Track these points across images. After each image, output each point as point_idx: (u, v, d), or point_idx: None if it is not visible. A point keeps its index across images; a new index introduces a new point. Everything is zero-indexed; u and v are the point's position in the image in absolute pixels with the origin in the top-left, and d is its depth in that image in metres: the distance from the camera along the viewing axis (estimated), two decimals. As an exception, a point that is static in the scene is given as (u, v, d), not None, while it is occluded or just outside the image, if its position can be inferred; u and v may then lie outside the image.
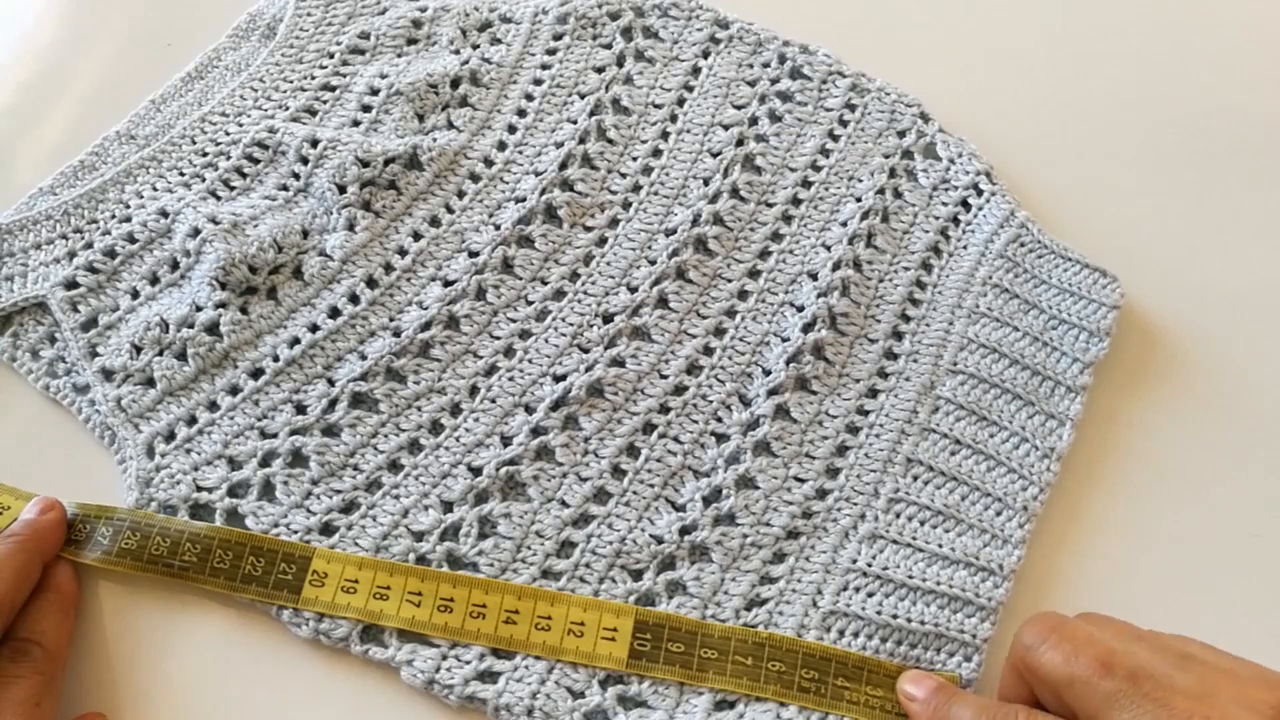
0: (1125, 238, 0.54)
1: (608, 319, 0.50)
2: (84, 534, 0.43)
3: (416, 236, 0.51)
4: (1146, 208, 0.55)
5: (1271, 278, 0.53)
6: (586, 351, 0.49)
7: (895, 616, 0.42)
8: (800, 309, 0.50)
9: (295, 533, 0.43)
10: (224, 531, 0.43)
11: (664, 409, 0.47)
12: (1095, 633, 0.35)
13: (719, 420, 0.47)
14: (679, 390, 0.48)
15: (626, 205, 0.53)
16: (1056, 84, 0.60)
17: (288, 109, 0.54)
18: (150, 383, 0.46)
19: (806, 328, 0.49)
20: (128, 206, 0.50)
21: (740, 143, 0.55)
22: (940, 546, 0.44)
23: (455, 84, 0.55)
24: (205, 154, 0.52)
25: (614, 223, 0.53)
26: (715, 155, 0.55)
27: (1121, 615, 0.44)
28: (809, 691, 0.40)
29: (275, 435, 0.45)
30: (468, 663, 0.40)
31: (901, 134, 0.56)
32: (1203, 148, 0.57)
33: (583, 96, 0.56)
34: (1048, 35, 0.62)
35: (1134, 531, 0.47)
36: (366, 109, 0.54)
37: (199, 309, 0.47)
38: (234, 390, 0.46)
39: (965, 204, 0.54)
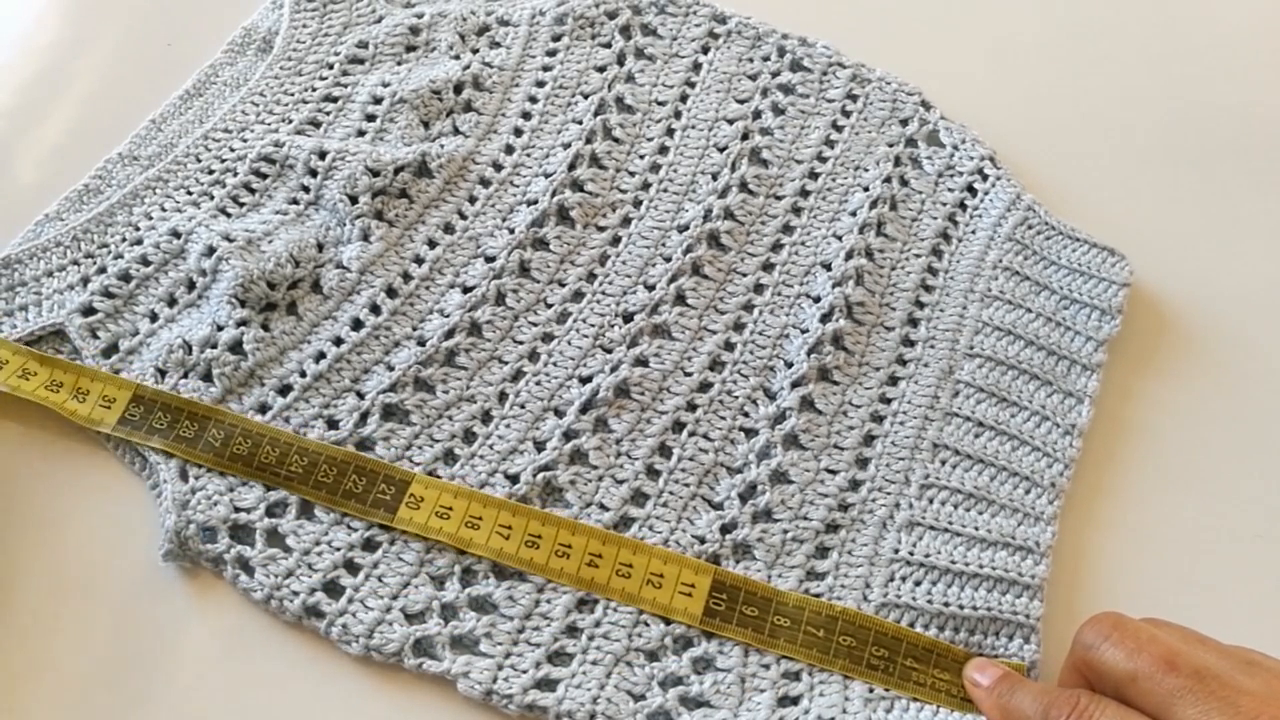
0: (1127, 218, 0.55)
1: (628, 318, 0.50)
2: (192, 432, 0.44)
3: (432, 244, 0.51)
4: (1147, 188, 0.56)
5: (1271, 252, 0.54)
6: (610, 352, 0.49)
7: (947, 604, 0.43)
8: (817, 300, 0.51)
9: (338, 549, 0.43)
10: (330, 449, 0.45)
11: (691, 406, 0.48)
12: (1158, 633, 0.35)
13: (746, 415, 0.48)
14: (704, 387, 0.48)
15: (637, 203, 0.53)
16: (1052, 69, 0.61)
17: (291, 122, 0.54)
18: (177, 406, 0.46)
19: (824, 318, 0.50)
20: (138, 229, 0.50)
21: (745, 137, 0.55)
22: (977, 529, 0.45)
23: (458, 89, 0.55)
24: (211, 171, 0.52)
25: (626, 221, 0.53)
26: (722, 150, 0.55)
27: (1159, 587, 0.45)
28: (877, 669, 0.41)
29: (309, 452, 0.45)
30: (524, 671, 0.41)
31: (904, 122, 0.56)
32: (1204, 126, 0.58)
33: (586, 96, 0.56)
34: (1043, 20, 0.62)
35: (1159, 504, 0.48)
36: (371, 118, 0.54)
37: (220, 328, 0.47)
38: (263, 408, 0.46)
39: (971, 189, 0.54)
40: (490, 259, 0.51)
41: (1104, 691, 0.36)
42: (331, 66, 0.56)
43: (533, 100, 0.56)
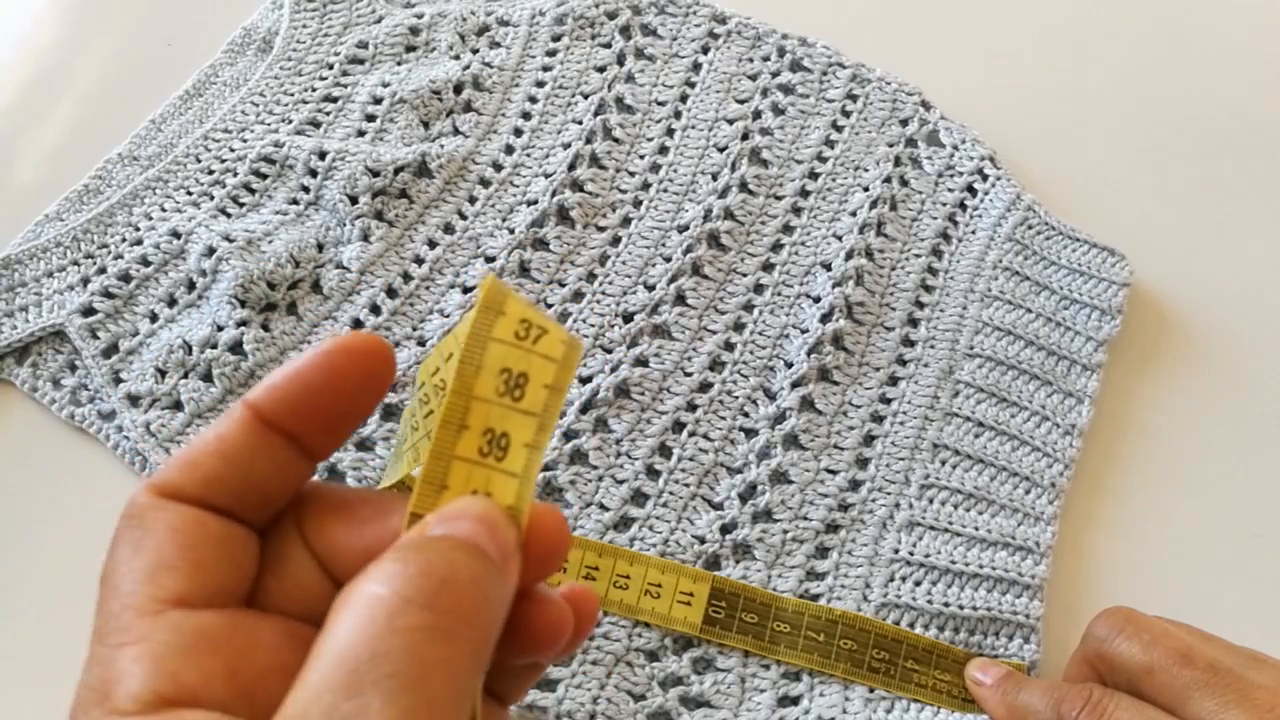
0: (1126, 218, 0.55)
1: (628, 318, 0.50)
2: None
3: (432, 244, 0.51)
4: (1147, 188, 0.56)
5: (1271, 252, 0.54)
6: (610, 352, 0.49)
7: (947, 604, 0.43)
8: (817, 300, 0.51)
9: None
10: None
11: (691, 406, 0.48)
12: (1170, 627, 0.36)
13: (746, 415, 0.48)
14: (704, 387, 0.48)
15: (637, 203, 0.53)
16: (1052, 69, 0.61)
17: (291, 122, 0.54)
18: (178, 406, 0.46)
19: (824, 318, 0.50)
20: (138, 229, 0.50)
21: (745, 137, 0.55)
22: (977, 529, 0.45)
23: (458, 89, 0.55)
24: (211, 172, 0.52)
25: (626, 221, 0.53)
26: (721, 150, 0.55)
27: (1159, 587, 0.45)
28: (878, 672, 0.41)
29: (309, 453, 0.45)
30: (524, 671, 0.41)
31: (904, 122, 0.56)
32: (1203, 126, 0.58)
33: (586, 97, 0.56)
34: (1043, 20, 0.62)
35: (1159, 504, 0.48)
36: (371, 118, 0.54)
37: (220, 328, 0.47)
38: (263, 409, 0.46)
39: (971, 189, 0.54)
40: (490, 259, 0.51)
41: (1117, 685, 0.36)
42: (331, 67, 0.56)
43: (533, 100, 0.56)
